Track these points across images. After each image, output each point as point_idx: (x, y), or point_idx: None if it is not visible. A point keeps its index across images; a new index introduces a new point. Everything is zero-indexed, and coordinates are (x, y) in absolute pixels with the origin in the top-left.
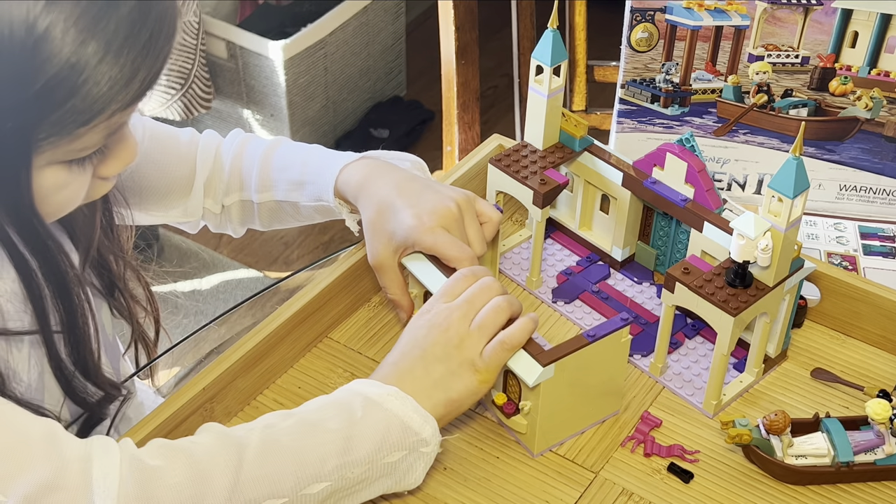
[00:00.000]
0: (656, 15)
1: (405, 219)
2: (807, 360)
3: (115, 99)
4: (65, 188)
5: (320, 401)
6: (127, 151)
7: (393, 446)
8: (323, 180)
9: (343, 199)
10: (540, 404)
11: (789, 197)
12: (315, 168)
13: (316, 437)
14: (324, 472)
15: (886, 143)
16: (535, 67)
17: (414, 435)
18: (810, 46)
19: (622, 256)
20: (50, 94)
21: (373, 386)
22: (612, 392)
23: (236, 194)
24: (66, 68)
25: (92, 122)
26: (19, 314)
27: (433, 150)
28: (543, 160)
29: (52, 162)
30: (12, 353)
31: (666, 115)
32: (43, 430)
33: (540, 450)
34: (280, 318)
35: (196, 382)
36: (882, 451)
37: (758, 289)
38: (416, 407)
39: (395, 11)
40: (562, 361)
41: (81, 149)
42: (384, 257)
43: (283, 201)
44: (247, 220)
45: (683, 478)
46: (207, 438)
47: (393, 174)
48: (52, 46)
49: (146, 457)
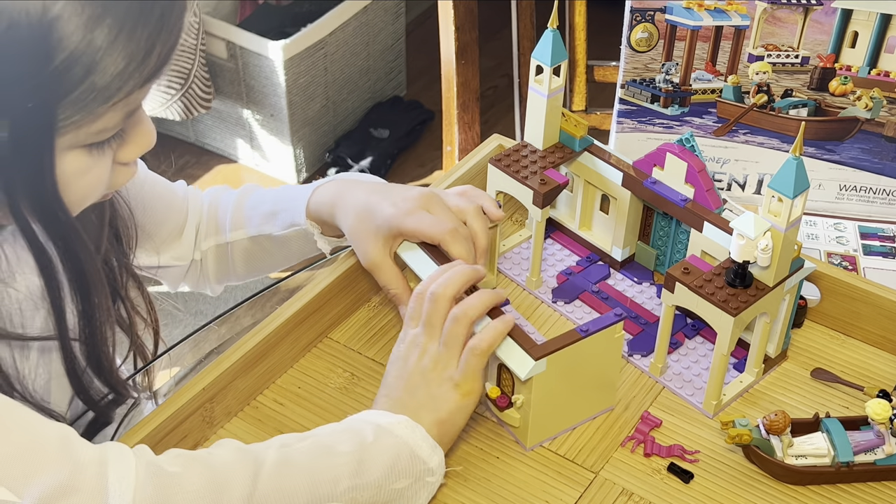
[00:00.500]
0: (656, 15)
1: (384, 210)
2: (807, 360)
3: (132, 75)
4: (87, 174)
5: (332, 426)
6: (144, 135)
7: (401, 473)
8: (295, 205)
9: (318, 221)
10: (532, 398)
11: (789, 197)
12: (287, 197)
13: (329, 459)
14: (336, 493)
15: (886, 143)
16: (535, 67)
17: (422, 463)
18: (810, 46)
19: (622, 256)
20: (68, 71)
21: (382, 415)
22: (605, 387)
23: (212, 239)
24: (83, 46)
25: (112, 99)
26: (31, 319)
27: (433, 150)
28: (543, 160)
29: (73, 146)
30: (21, 360)
31: (666, 115)
32: (58, 434)
33: (532, 443)
34: (280, 318)
35: (196, 382)
36: (882, 451)
37: (758, 289)
38: (426, 436)
39: (395, 11)
40: (554, 356)
41: (101, 130)
42: (374, 254)
43: (257, 236)
44: (222, 268)
45: (683, 478)
46: (225, 451)
47: (362, 184)
48: (67, 26)
49: (164, 463)
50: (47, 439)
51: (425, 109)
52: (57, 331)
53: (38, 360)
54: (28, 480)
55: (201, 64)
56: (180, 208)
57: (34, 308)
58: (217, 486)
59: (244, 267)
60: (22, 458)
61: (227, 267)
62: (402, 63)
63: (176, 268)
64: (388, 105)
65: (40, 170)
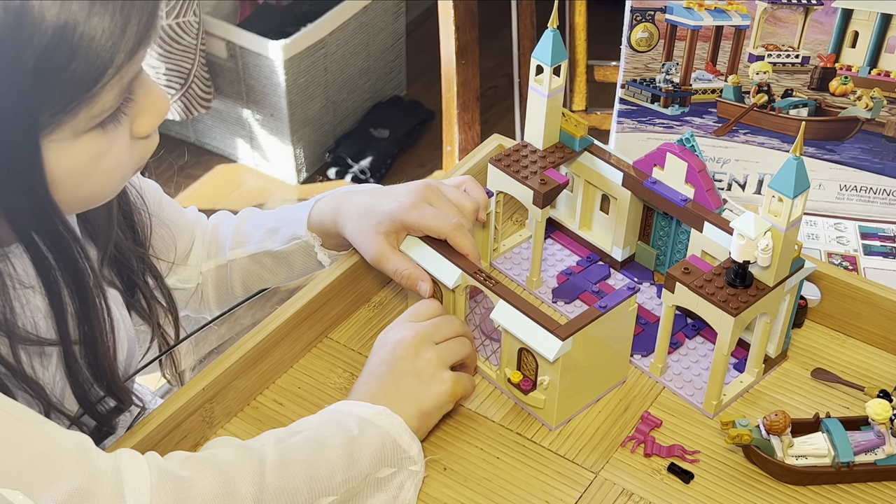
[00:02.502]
0: (656, 15)
1: (386, 205)
2: (807, 360)
3: (116, 49)
4: (106, 155)
5: (315, 420)
6: (157, 103)
7: (385, 461)
8: (296, 218)
9: (320, 232)
10: (559, 378)
11: (789, 197)
12: (287, 213)
13: (323, 453)
14: (332, 486)
15: (887, 143)
16: (535, 67)
17: (403, 452)
18: (810, 46)
19: (622, 256)
20: (50, 61)
21: (361, 406)
22: (620, 360)
23: (212, 260)
24: (58, 31)
25: (102, 79)
26: (49, 331)
27: (433, 150)
28: (543, 160)
29: (79, 132)
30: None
31: (666, 115)
32: (76, 442)
33: (558, 422)
34: (280, 318)
35: (196, 382)
36: (882, 452)
37: (758, 289)
38: (404, 426)
39: (395, 11)
40: (578, 334)
41: (101, 111)
42: (379, 246)
43: (257, 254)
44: (221, 290)
45: (683, 478)
46: (227, 451)
47: (362, 190)
48: (34, 15)
49: (174, 468)
50: (65, 447)
51: (425, 109)
52: (58, 336)
53: (56, 372)
54: (46, 487)
55: (201, 64)
56: (190, 231)
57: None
58: (228, 487)
59: (242, 288)
60: (39, 465)
61: (227, 289)
62: (402, 63)
63: (181, 290)
64: (388, 105)
65: (30, 172)
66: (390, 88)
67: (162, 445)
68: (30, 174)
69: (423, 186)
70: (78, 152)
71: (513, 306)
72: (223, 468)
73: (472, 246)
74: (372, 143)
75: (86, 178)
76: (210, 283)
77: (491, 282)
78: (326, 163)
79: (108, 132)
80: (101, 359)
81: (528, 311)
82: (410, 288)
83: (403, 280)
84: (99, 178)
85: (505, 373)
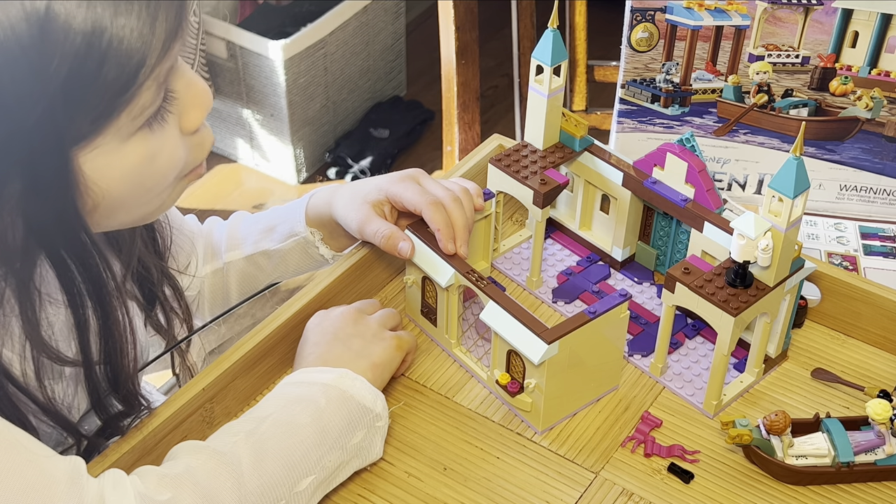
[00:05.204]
0: (656, 15)
1: (374, 181)
2: (807, 360)
3: (147, 48)
4: (159, 154)
5: (279, 399)
6: (201, 96)
7: (355, 426)
8: (292, 216)
9: (318, 224)
10: (545, 382)
11: (790, 197)
12: (282, 212)
13: (295, 436)
14: (309, 466)
15: (887, 143)
16: (535, 67)
17: (369, 412)
18: (810, 46)
19: (622, 256)
20: (81, 70)
21: (322, 372)
22: (611, 367)
23: (209, 265)
24: (86, 38)
25: (136, 79)
26: (70, 345)
27: (433, 150)
28: (543, 160)
29: (124, 136)
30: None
31: (666, 115)
32: (67, 468)
33: (545, 426)
34: (280, 318)
35: (196, 382)
36: (882, 452)
37: (758, 289)
38: (366, 384)
39: (395, 11)
40: (565, 339)
41: (142, 110)
42: (364, 213)
43: (253, 254)
44: (217, 295)
45: (684, 478)
46: (201, 461)
47: (356, 181)
48: (61, 24)
49: (153, 493)
50: (56, 475)
51: (425, 109)
52: (80, 351)
53: (69, 380)
54: None
55: (201, 64)
56: (191, 239)
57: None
58: (210, 500)
59: (237, 292)
60: (28, 497)
61: (222, 293)
62: (402, 63)
63: None
64: (388, 105)
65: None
66: (390, 88)
67: (162, 445)
68: (61, 191)
69: (414, 170)
70: (129, 156)
71: (502, 307)
72: (202, 483)
73: (445, 223)
74: (372, 143)
75: (141, 182)
76: (206, 288)
77: (483, 282)
78: (326, 163)
79: (155, 132)
80: (121, 372)
81: (516, 312)
82: (390, 250)
83: (383, 241)
84: (155, 180)
85: (494, 374)
